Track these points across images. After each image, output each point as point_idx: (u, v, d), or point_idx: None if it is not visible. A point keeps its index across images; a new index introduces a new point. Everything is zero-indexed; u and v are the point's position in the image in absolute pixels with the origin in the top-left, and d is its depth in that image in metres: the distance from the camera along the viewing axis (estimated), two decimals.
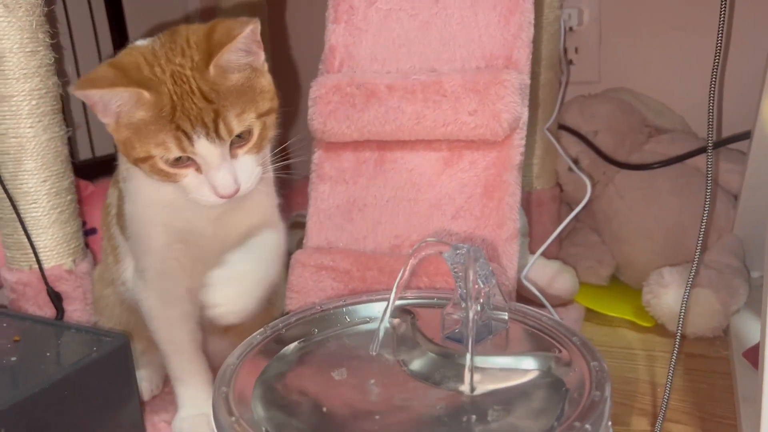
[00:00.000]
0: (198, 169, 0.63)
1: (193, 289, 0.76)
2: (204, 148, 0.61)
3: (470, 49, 0.82)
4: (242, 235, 0.73)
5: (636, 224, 1.17)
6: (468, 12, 0.82)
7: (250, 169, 0.65)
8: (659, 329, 1.07)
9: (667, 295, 1.03)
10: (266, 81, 0.67)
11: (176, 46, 0.63)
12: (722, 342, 1.02)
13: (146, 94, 0.60)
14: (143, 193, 0.72)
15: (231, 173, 0.63)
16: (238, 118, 0.62)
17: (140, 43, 0.67)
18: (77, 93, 0.61)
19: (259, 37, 0.65)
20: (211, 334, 0.84)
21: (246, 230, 0.74)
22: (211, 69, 0.62)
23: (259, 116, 0.65)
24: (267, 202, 0.77)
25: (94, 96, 0.61)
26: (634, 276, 1.17)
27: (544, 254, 1.15)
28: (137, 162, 0.64)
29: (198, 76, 0.61)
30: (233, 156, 0.64)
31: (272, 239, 0.75)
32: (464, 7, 0.84)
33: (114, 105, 0.61)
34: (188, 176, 0.63)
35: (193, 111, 0.60)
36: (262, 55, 0.66)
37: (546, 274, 1.10)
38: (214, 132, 0.61)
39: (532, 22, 0.80)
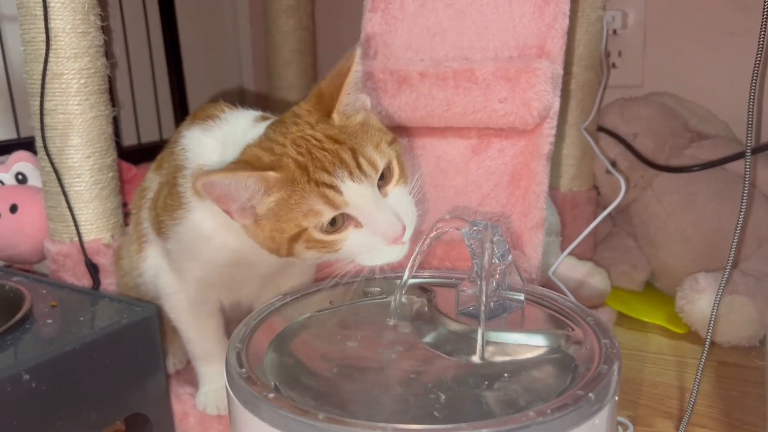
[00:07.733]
0: (357, 225, 0.57)
1: (227, 298, 0.77)
2: (353, 191, 0.55)
3: (504, 39, 0.82)
4: (299, 261, 0.65)
5: (673, 229, 1.14)
6: (503, 2, 0.83)
7: (405, 202, 0.59)
8: (692, 336, 1.04)
9: (701, 300, 1.00)
10: (375, 119, 0.64)
11: (287, 123, 0.60)
12: (758, 352, 0.99)
13: (272, 174, 0.56)
14: (216, 231, 0.67)
15: (391, 211, 0.57)
16: (376, 150, 0.58)
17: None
18: (202, 181, 0.54)
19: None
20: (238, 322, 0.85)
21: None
22: (335, 117, 0.59)
23: (389, 145, 0.61)
24: None
25: (221, 182, 0.55)
26: (669, 282, 1.15)
27: (578, 257, 1.14)
28: (291, 243, 0.58)
29: (321, 128, 0.58)
30: (383, 195, 0.59)
31: None
32: None
33: (244, 196, 0.56)
34: (348, 237, 0.57)
35: (326, 157, 0.56)
36: (365, 95, 0.63)
37: (577, 274, 1.09)
38: (357, 168, 0.56)
39: (567, 13, 0.80)
